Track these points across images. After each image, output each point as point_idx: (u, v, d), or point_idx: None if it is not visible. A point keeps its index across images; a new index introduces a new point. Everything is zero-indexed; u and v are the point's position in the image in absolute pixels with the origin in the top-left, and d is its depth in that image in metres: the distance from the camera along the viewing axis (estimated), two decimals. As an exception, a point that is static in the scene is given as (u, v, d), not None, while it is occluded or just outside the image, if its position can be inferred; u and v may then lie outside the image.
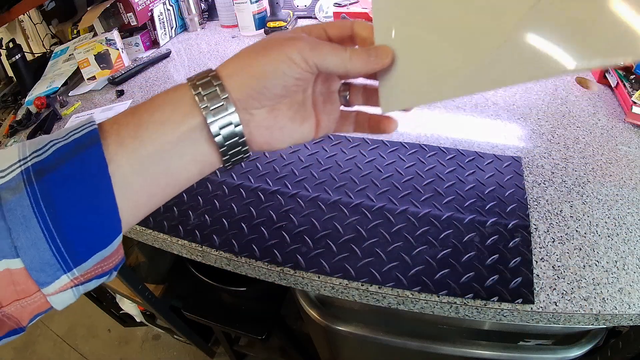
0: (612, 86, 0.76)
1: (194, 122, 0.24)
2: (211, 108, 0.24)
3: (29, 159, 0.21)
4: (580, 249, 0.49)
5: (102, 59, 1.04)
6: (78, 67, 1.04)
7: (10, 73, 1.16)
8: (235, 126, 0.25)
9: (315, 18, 1.17)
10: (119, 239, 0.23)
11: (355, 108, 0.32)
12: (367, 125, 0.31)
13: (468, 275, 0.48)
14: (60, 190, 0.21)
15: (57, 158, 0.21)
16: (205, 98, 0.24)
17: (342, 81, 0.31)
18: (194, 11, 1.23)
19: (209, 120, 0.24)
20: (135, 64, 1.05)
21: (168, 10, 1.18)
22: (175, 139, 0.24)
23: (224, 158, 0.26)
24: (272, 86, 0.25)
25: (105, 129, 0.23)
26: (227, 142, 0.25)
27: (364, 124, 0.31)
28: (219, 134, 0.24)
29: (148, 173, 0.23)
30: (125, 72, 1.02)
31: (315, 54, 0.25)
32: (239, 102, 0.25)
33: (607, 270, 0.47)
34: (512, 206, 0.55)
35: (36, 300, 0.22)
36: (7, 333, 0.22)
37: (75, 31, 1.24)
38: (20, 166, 0.21)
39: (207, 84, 0.24)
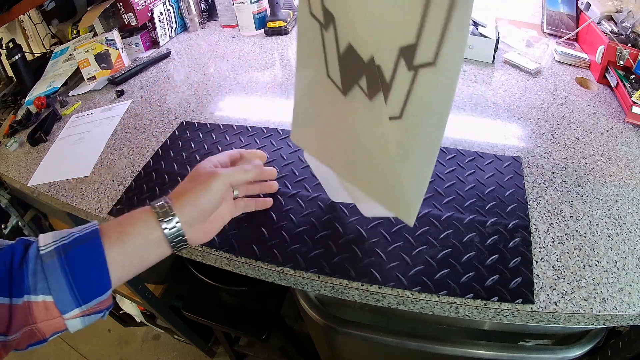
0: (612, 86, 0.76)
1: (156, 235, 0.41)
2: (168, 227, 0.41)
3: (59, 241, 0.37)
4: (580, 249, 0.49)
5: (102, 59, 1.04)
6: (78, 67, 1.04)
7: (10, 73, 1.16)
8: (182, 236, 0.42)
9: (315, 18, 1.17)
10: (110, 292, 0.39)
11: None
12: (258, 203, 0.56)
13: (468, 275, 0.48)
14: (78, 260, 0.36)
15: (75, 242, 0.37)
16: (164, 221, 0.41)
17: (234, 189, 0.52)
18: (194, 11, 1.23)
19: (166, 234, 0.41)
20: (135, 64, 1.05)
21: (168, 10, 1.18)
22: (144, 244, 0.40)
23: (173, 250, 0.43)
24: (208, 210, 0.44)
25: (102, 231, 0.39)
26: (177, 245, 0.42)
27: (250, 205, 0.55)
28: (172, 241, 0.42)
29: (127, 259, 0.39)
30: (125, 72, 1.02)
31: (230, 178, 0.45)
32: (185, 223, 0.42)
33: (607, 270, 0.47)
34: (512, 206, 0.55)
35: (57, 322, 0.37)
36: (34, 342, 0.38)
37: (75, 31, 1.24)
38: (55, 244, 0.37)
39: (165, 213, 0.41)
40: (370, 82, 0.35)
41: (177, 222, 0.41)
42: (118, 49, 1.05)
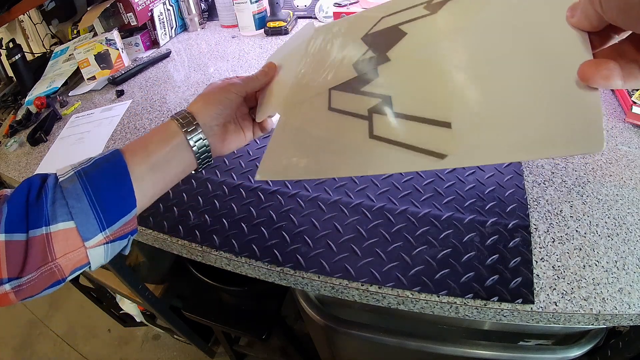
0: (612, 86, 0.75)
1: (179, 139, 0.40)
2: (188, 130, 0.40)
3: (78, 167, 0.35)
4: (580, 249, 0.49)
5: (102, 59, 1.04)
6: (78, 67, 1.04)
7: (10, 73, 1.16)
8: (203, 139, 0.41)
9: (316, 18, 1.17)
10: (134, 211, 0.36)
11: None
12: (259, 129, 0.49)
13: (468, 275, 0.48)
14: (100, 180, 0.34)
15: (97, 164, 0.35)
16: (184, 125, 0.40)
17: (250, 107, 0.49)
18: (194, 11, 1.23)
19: (187, 137, 0.40)
20: (135, 64, 1.05)
21: (168, 10, 1.18)
22: (168, 149, 0.39)
23: (198, 161, 0.42)
24: (223, 116, 0.43)
25: (123, 150, 0.37)
26: (199, 150, 0.41)
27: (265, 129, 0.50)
28: (195, 145, 0.40)
29: (152, 171, 0.38)
30: (125, 72, 1.02)
31: (240, 85, 0.45)
32: (204, 125, 0.41)
33: (607, 270, 0.47)
34: (512, 206, 0.55)
35: (79, 254, 0.34)
36: (52, 284, 0.34)
37: (75, 31, 1.24)
38: (73, 169, 0.35)
39: (184, 117, 0.40)
40: None
41: (196, 125, 0.40)
42: (118, 49, 1.05)
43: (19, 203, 0.32)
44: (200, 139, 0.40)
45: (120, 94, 0.96)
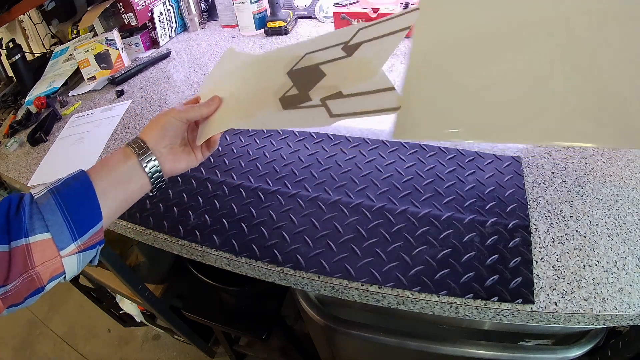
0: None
1: (133, 160, 0.45)
2: (139, 152, 0.45)
3: (50, 185, 0.40)
4: (580, 249, 0.49)
5: (102, 59, 1.04)
6: (78, 67, 1.04)
7: (10, 73, 1.16)
8: (153, 160, 0.46)
9: (316, 18, 1.17)
10: (101, 223, 0.41)
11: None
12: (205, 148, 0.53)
13: (468, 275, 0.48)
14: (70, 196, 0.39)
15: (66, 183, 0.40)
16: (136, 149, 0.45)
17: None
18: (194, 11, 1.23)
19: (139, 159, 0.45)
20: (135, 64, 1.05)
21: (168, 10, 1.18)
22: (126, 168, 0.44)
23: (151, 180, 0.46)
24: (168, 132, 0.47)
25: (88, 171, 0.42)
26: (151, 170, 0.46)
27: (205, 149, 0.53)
28: (146, 166, 0.45)
29: (113, 186, 0.43)
30: (125, 72, 1.02)
31: (182, 113, 0.48)
32: (153, 148, 0.46)
33: (607, 270, 0.47)
34: (512, 206, 0.55)
35: (55, 263, 0.38)
36: (32, 292, 0.38)
37: (75, 31, 1.24)
38: (46, 188, 0.39)
39: (135, 142, 0.46)
40: None
41: (147, 148, 0.46)
42: (118, 49, 1.05)
43: (2, 216, 0.36)
44: (151, 159, 0.46)
45: (120, 94, 0.96)
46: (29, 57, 1.19)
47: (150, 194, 0.48)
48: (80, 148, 0.81)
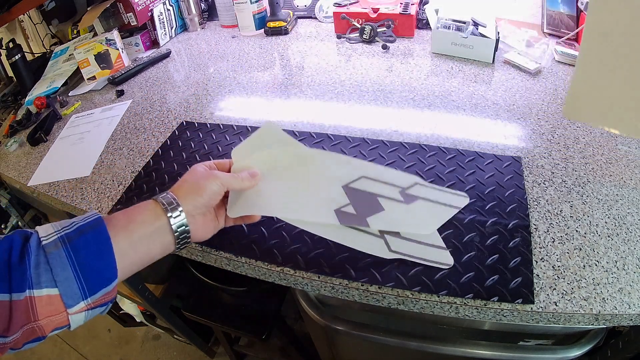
0: (612, 86, 0.76)
1: (162, 222, 0.41)
2: (173, 215, 0.41)
3: (61, 230, 0.36)
4: (580, 249, 0.49)
5: (102, 59, 1.04)
6: (78, 67, 1.04)
7: (10, 73, 1.16)
8: (186, 227, 0.42)
9: (316, 18, 1.17)
10: (115, 282, 0.37)
11: None
12: (240, 219, 0.50)
13: (468, 275, 0.48)
14: (84, 250, 0.35)
15: (80, 231, 0.36)
16: (169, 210, 0.41)
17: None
18: (194, 11, 1.23)
19: (171, 222, 0.41)
20: (135, 64, 1.05)
21: (168, 10, 1.18)
22: (151, 231, 0.40)
23: (177, 245, 0.43)
24: (207, 206, 0.44)
25: (106, 221, 0.38)
26: (180, 235, 0.42)
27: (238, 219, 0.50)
28: (177, 231, 0.42)
29: (133, 249, 0.39)
30: (125, 72, 1.02)
31: (225, 181, 0.45)
32: (188, 212, 0.42)
33: (607, 270, 0.47)
34: (512, 206, 0.55)
35: (61, 318, 0.34)
36: (33, 339, 0.35)
37: (75, 31, 1.24)
38: (57, 233, 0.35)
39: (170, 202, 0.42)
40: None
41: (180, 211, 0.42)
42: (118, 49, 1.05)
43: (2, 263, 0.33)
44: (183, 225, 0.42)
45: (120, 94, 0.96)
46: (29, 57, 1.19)
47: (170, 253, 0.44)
48: (80, 148, 0.81)
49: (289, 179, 0.51)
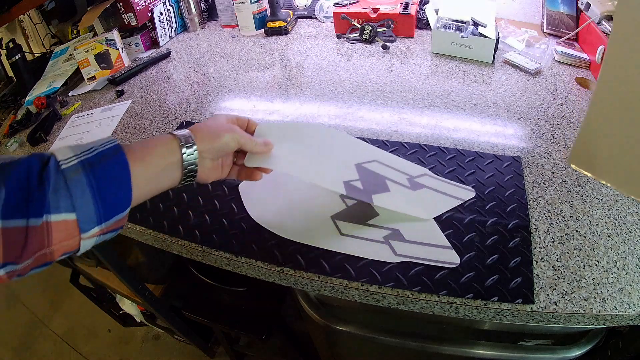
0: (612, 86, 0.75)
1: (176, 159, 0.43)
2: (187, 153, 0.43)
3: (81, 155, 0.35)
4: (580, 249, 0.49)
5: (102, 59, 1.04)
6: (78, 67, 1.04)
7: (10, 73, 1.16)
8: (195, 165, 0.44)
9: (316, 18, 1.17)
10: (128, 210, 0.38)
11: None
12: (244, 175, 0.52)
13: (468, 275, 0.48)
14: (105, 176, 0.35)
15: (101, 157, 0.36)
16: (184, 146, 0.43)
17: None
18: (194, 11, 1.23)
19: (184, 158, 0.43)
20: (135, 64, 1.05)
21: (168, 10, 1.18)
22: (165, 165, 0.42)
23: (181, 181, 0.44)
24: (219, 153, 0.46)
25: (125, 150, 0.38)
26: (188, 173, 0.44)
27: (241, 174, 0.52)
28: (187, 168, 0.43)
29: (146, 179, 0.40)
30: (125, 72, 1.02)
31: (241, 139, 0.47)
32: (200, 152, 0.44)
33: (607, 270, 0.47)
34: (512, 206, 0.55)
35: (72, 242, 0.35)
36: (41, 265, 0.35)
37: (75, 31, 1.24)
38: (76, 158, 0.35)
39: (187, 139, 0.43)
40: None
41: (195, 149, 0.43)
42: (118, 49, 1.05)
43: (19, 187, 0.32)
44: (193, 164, 0.44)
45: (120, 94, 0.96)
46: (29, 57, 1.19)
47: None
48: (80, 148, 0.81)
49: (308, 147, 0.54)
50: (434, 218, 0.54)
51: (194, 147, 0.43)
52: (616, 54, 0.41)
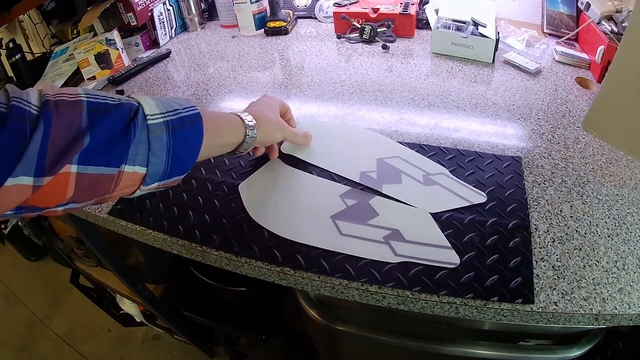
0: (612, 86, 0.75)
1: (238, 140, 0.49)
2: (249, 136, 0.50)
3: (166, 115, 0.37)
4: (580, 249, 0.49)
5: (102, 59, 1.04)
6: (78, 67, 1.04)
7: (10, 73, 1.16)
8: (247, 149, 0.52)
9: (316, 18, 1.17)
10: (186, 173, 0.41)
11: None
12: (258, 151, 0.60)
13: (468, 275, 0.48)
14: (183, 142, 0.38)
15: (183, 122, 0.38)
16: (249, 131, 0.49)
17: None
18: (194, 11, 1.22)
19: (245, 142, 0.50)
20: (135, 64, 1.05)
21: (168, 10, 1.18)
22: (226, 144, 0.48)
23: (231, 155, 0.52)
24: (270, 141, 0.57)
25: (204, 119, 0.41)
26: (238, 151, 0.52)
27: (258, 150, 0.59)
28: (241, 150, 0.51)
29: (209, 151, 0.45)
30: (125, 72, 1.02)
31: (287, 135, 0.59)
32: (256, 139, 0.51)
33: (607, 270, 0.47)
34: (512, 206, 0.55)
35: (130, 190, 0.37)
36: (98, 204, 0.38)
37: (75, 31, 1.24)
38: (163, 117, 0.37)
39: (252, 126, 0.50)
40: None
41: (254, 139, 0.50)
42: (118, 49, 1.05)
43: (107, 131, 0.33)
44: (247, 149, 0.51)
45: (120, 94, 0.96)
46: (29, 57, 1.19)
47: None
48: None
49: (337, 141, 0.66)
50: (434, 218, 0.54)
51: (255, 136, 0.49)
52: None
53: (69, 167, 0.31)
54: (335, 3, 1.07)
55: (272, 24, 1.11)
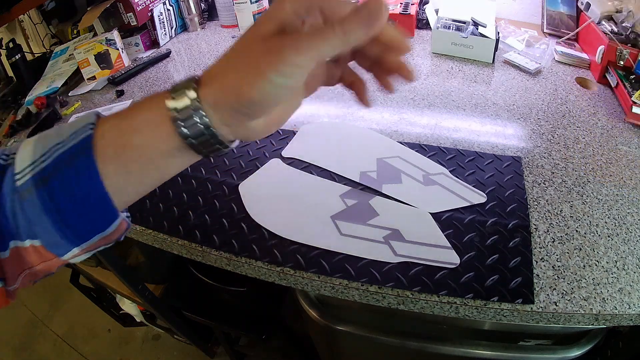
0: (612, 86, 0.76)
1: (171, 146, 0.26)
2: (188, 129, 0.25)
3: (38, 163, 0.26)
4: (580, 249, 0.49)
5: (102, 59, 1.04)
6: (78, 67, 1.04)
7: (10, 73, 1.16)
8: (215, 137, 0.25)
9: (315, 18, 1.17)
10: (118, 221, 0.27)
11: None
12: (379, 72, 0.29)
13: (468, 275, 0.48)
14: (61, 193, 0.25)
15: (57, 164, 0.25)
16: (183, 121, 0.24)
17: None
18: (194, 11, 1.22)
19: (190, 138, 0.25)
20: (135, 64, 1.05)
21: (168, 10, 1.18)
22: (158, 156, 0.26)
23: (204, 154, 0.28)
24: (263, 106, 0.25)
25: (96, 141, 0.26)
26: (207, 153, 0.27)
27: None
28: (200, 147, 0.26)
29: (135, 179, 0.27)
30: (125, 72, 1.02)
31: (306, 55, 0.23)
32: (219, 121, 0.25)
33: (607, 270, 0.47)
34: (512, 206, 0.55)
35: (56, 262, 0.28)
36: (41, 277, 0.29)
37: (75, 31, 1.24)
38: (31, 171, 0.26)
39: (186, 110, 0.24)
40: None
41: (204, 118, 0.25)
42: (118, 49, 1.05)
43: None
44: (205, 131, 0.26)
45: (120, 94, 0.96)
46: (29, 57, 1.19)
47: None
48: (80, 148, 0.81)
49: (339, 141, 0.66)
50: (434, 218, 0.54)
51: (208, 131, 0.26)
52: None
53: None
54: (335, 3, 1.07)
55: (272, 24, 1.10)
